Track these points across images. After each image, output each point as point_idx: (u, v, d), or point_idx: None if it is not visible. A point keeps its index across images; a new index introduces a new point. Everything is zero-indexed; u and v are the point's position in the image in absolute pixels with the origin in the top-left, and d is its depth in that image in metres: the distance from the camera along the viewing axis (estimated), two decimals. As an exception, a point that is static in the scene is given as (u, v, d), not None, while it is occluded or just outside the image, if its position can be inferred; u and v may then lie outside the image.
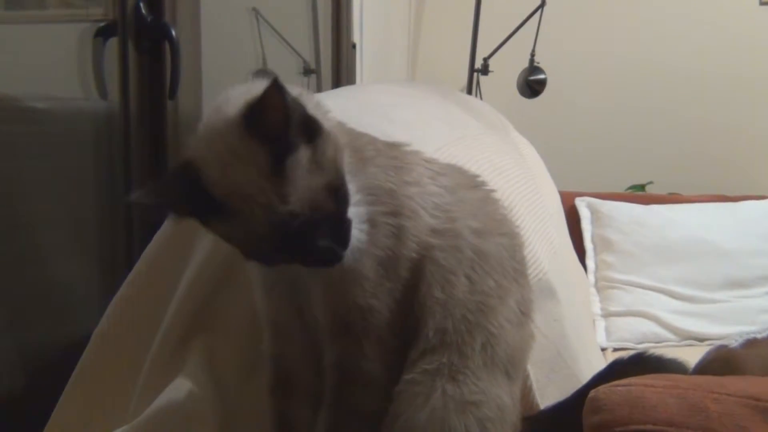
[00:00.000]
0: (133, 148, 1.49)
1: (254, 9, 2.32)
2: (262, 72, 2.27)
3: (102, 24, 1.52)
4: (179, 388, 0.98)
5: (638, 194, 3.09)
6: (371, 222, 0.80)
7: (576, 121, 3.45)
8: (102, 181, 1.55)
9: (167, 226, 1.14)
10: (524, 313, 0.90)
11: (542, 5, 3.03)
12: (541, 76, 3.12)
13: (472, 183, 0.92)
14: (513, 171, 1.29)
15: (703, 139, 3.44)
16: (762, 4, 3.41)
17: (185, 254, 1.09)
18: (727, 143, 3.42)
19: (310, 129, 0.74)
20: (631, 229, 2.46)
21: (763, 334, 1.05)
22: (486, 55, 3.20)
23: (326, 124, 0.78)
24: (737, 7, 3.42)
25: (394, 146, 0.89)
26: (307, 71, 2.74)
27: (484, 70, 3.20)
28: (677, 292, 2.27)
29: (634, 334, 2.17)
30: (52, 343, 1.40)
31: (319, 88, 2.66)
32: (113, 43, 1.48)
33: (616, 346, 2.13)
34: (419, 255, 0.82)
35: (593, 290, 2.33)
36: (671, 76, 3.45)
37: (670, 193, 3.03)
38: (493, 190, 0.93)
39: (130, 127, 1.48)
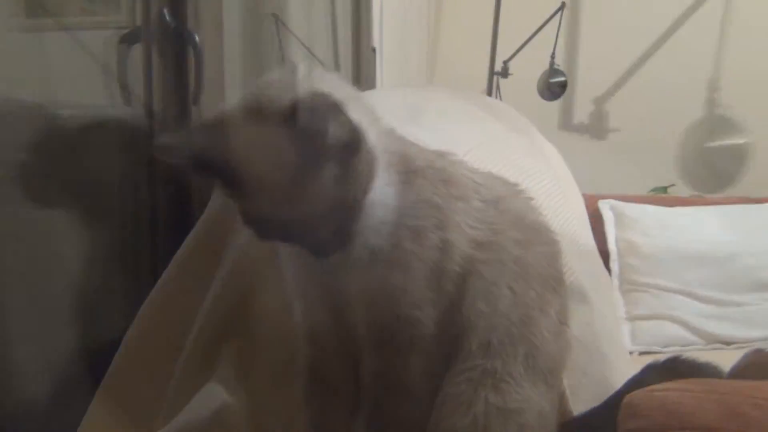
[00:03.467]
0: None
1: (274, 15, 2.32)
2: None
3: (126, 30, 1.53)
4: (211, 393, 0.98)
5: (662, 196, 3.06)
6: (417, 234, 0.81)
7: (597, 124, 3.42)
8: (127, 186, 1.55)
9: (198, 231, 1.15)
10: (562, 322, 0.91)
11: (562, 7, 3.00)
12: (562, 79, 3.08)
13: (513, 193, 0.93)
14: (539, 173, 1.29)
15: (724, 140, 3.39)
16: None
17: (215, 260, 1.09)
18: (749, 145, 3.38)
19: (350, 149, 0.74)
20: (655, 231, 2.43)
21: (800, 338, 1.03)
22: (506, 58, 3.17)
23: (374, 131, 0.79)
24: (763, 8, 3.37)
25: (442, 156, 0.90)
26: (327, 77, 2.76)
27: (504, 73, 3.17)
28: (703, 295, 2.24)
29: (659, 338, 2.14)
30: (77, 349, 1.40)
31: (339, 93, 2.65)
32: (137, 49, 1.50)
33: (642, 350, 2.10)
34: (463, 269, 0.83)
35: (617, 294, 2.29)
36: (691, 76, 3.40)
37: (693, 195, 3.00)
38: (531, 198, 0.94)
39: (155, 131, 1.50)
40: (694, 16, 3.43)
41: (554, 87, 3.09)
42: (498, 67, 3.18)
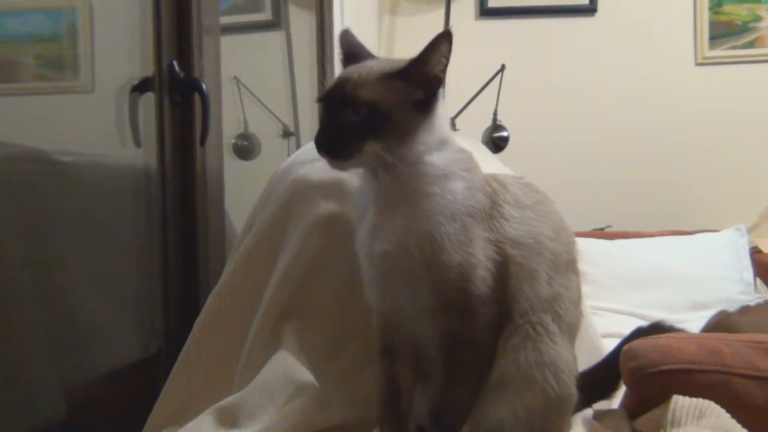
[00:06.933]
0: (168, 188, 1.60)
1: (235, 78, 2.43)
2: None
3: (137, 81, 1.62)
4: (281, 358, 1.11)
5: (604, 232, 3.29)
6: (470, 188, 0.99)
7: (537, 173, 3.60)
8: (140, 221, 1.65)
9: (257, 233, 1.30)
10: (579, 296, 1.11)
11: (502, 69, 3.20)
12: (504, 134, 3.27)
13: (543, 198, 1.11)
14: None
15: (654, 185, 3.69)
16: (697, 64, 3.75)
17: (275, 254, 1.24)
18: (677, 188, 3.68)
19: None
20: (601, 261, 2.63)
21: (753, 303, 1.23)
22: (452, 115, 3.33)
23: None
24: (676, 68, 3.74)
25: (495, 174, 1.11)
26: (286, 134, 2.85)
27: (452, 128, 3.34)
28: (647, 315, 2.35)
29: (611, 354, 2.30)
30: (89, 372, 1.46)
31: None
32: (148, 97, 1.60)
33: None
34: (502, 257, 1.00)
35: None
36: (622, 130, 3.72)
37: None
38: (554, 202, 1.13)
39: (165, 170, 1.60)
40: (622, 76, 3.76)
41: (498, 141, 3.27)
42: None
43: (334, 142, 0.97)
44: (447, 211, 0.97)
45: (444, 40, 0.96)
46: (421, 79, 0.98)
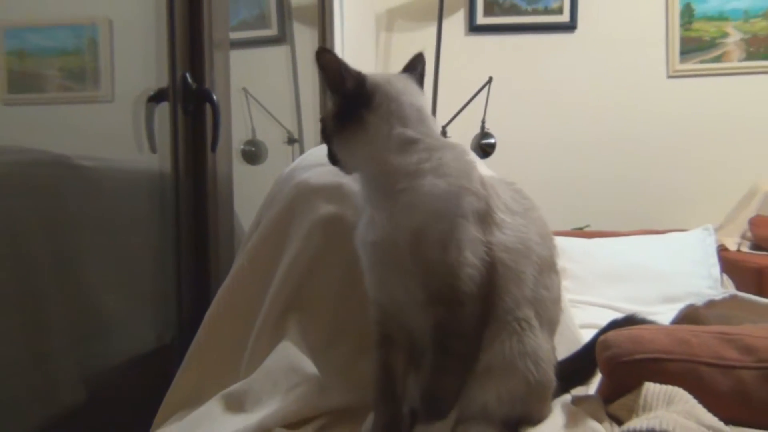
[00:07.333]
0: (181, 191, 1.60)
1: (244, 89, 2.42)
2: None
3: (153, 91, 1.62)
4: (285, 348, 1.11)
5: (583, 231, 3.29)
6: (455, 189, 0.98)
7: (522, 177, 3.61)
8: (155, 221, 1.64)
9: (262, 232, 1.30)
10: (559, 295, 1.11)
11: (489, 81, 3.21)
12: (492, 140, 3.28)
13: (532, 205, 1.11)
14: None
15: (630, 188, 3.69)
16: (669, 77, 3.75)
17: (279, 252, 1.23)
18: (650, 191, 3.69)
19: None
20: (581, 258, 2.64)
21: (719, 297, 1.23)
22: (444, 123, 3.35)
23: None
24: (650, 80, 3.75)
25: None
26: (291, 140, 2.87)
27: (443, 135, 3.35)
28: (622, 308, 2.37)
29: (589, 343, 2.30)
30: (109, 360, 1.46)
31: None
32: (163, 106, 1.59)
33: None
34: (491, 258, 0.99)
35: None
36: (599, 137, 3.73)
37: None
38: (540, 209, 1.12)
39: (179, 174, 1.60)
40: (599, 88, 3.76)
41: (485, 147, 3.28)
42: (438, 131, 3.35)
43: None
44: (429, 208, 0.96)
45: (318, 57, 1.00)
46: (334, 92, 1.02)
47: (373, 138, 1.00)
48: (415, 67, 1.10)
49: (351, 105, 1.00)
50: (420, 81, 1.10)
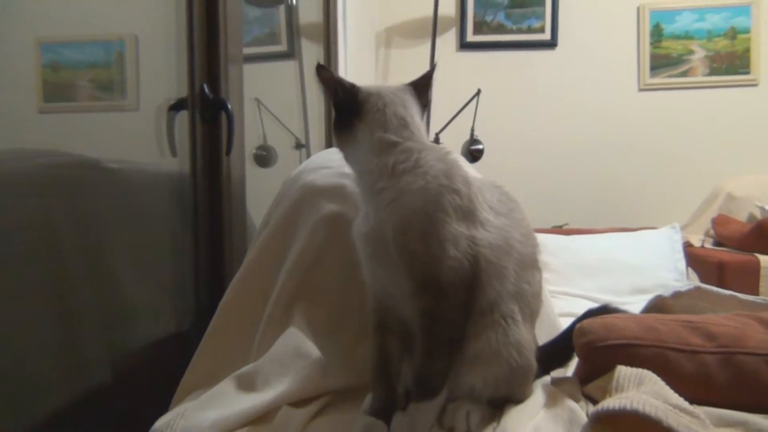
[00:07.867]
0: (199, 191, 1.60)
1: (256, 99, 2.42)
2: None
3: (174, 101, 1.62)
4: (291, 334, 1.11)
5: (562, 228, 3.30)
6: (435, 188, 0.97)
7: (507, 179, 3.62)
8: (175, 218, 1.63)
9: (272, 227, 1.29)
10: (540, 289, 1.11)
11: (478, 93, 3.24)
12: (480, 146, 3.29)
13: (516, 206, 1.10)
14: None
15: (604, 189, 3.70)
16: (640, 90, 3.76)
17: (286, 245, 1.22)
18: (624, 192, 3.69)
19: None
20: (559, 253, 2.64)
21: (684, 289, 1.23)
22: (437, 130, 3.38)
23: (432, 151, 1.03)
24: (623, 92, 3.75)
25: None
26: (298, 145, 2.85)
27: (436, 141, 3.35)
28: (597, 298, 2.37)
29: (566, 330, 2.30)
30: (132, 343, 1.46)
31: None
32: (183, 115, 1.60)
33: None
34: (474, 253, 0.98)
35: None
36: (577, 143, 3.73)
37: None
38: (523, 210, 1.11)
39: (197, 176, 1.60)
40: (576, 97, 3.75)
41: (474, 152, 3.30)
42: (431, 137, 3.35)
43: None
44: (408, 205, 0.96)
45: (317, 73, 1.03)
46: (331, 103, 1.05)
47: (361, 142, 1.02)
48: (421, 80, 1.11)
49: (345, 113, 1.03)
50: (423, 92, 1.09)
